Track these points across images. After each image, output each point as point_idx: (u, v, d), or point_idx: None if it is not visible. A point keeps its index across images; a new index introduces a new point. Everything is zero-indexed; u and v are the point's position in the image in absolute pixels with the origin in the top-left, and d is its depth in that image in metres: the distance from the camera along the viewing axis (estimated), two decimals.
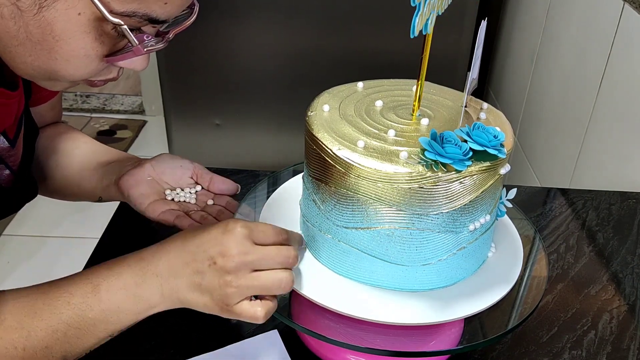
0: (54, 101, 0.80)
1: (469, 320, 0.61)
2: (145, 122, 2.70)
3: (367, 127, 0.54)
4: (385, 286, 0.56)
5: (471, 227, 0.54)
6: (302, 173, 0.60)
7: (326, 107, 0.57)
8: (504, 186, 0.59)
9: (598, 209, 0.90)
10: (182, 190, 0.72)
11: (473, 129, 0.52)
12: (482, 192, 0.53)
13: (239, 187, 0.74)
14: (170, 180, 0.73)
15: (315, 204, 0.56)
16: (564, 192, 0.95)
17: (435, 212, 0.51)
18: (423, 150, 0.50)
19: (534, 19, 1.55)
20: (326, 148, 0.52)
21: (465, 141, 0.51)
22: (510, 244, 0.63)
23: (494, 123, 0.57)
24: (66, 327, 0.54)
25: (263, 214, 0.65)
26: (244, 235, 0.53)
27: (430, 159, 0.49)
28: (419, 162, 0.50)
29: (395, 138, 0.53)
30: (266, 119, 1.79)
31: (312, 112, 0.57)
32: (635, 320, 0.70)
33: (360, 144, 0.51)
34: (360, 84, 0.62)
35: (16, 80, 0.64)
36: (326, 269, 0.58)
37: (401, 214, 0.51)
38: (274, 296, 0.55)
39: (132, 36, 0.51)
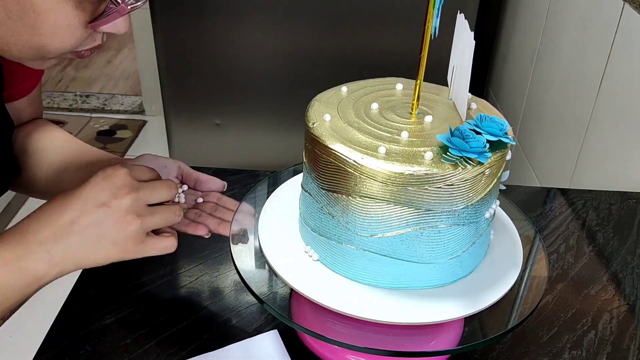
0: (32, 96, 0.79)
1: (469, 320, 0.61)
2: (145, 122, 2.70)
3: (378, 132, 0.54)
4: (413, 287, 0.56)
5: (487, 215, 0.56)
6: (303, 186, 0.59)
7: (327, 117, 0.55)
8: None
9: (598, 209, 0.90)
10: None
11: (481, 121, 0.53)
12: (496, 180, 0.54)
13: (226, 184, 0.74)
14: None
15: (333, 217, 0.55)
16: (564, 192, 0.95)
17: (462, 207, 0.52)
18: (445, 147, 0.51)
19: (534, 19, 1.55)
20: (347, 159, 0.51)
21: (480, 133, 0.52)
22: (510, 244, 0.63)
23: (486, 111, 0.58)
24: None
25: (263, 214, 0.65)
26: (127, 174, 0.55)
27: (456, 156, 0.50)
28: (445, 161, 0.50)
29: (410, 139, 0.53)
30: (266, 119, 1.80)
31: (314, 123, 0.55)
32: (635, 320, 0.70)
33: (382, 150, 0.51)
34: (344, 88, 0.61)
35: None
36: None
37: (430, 213, 0.52)
38: (171, 229, 0.59)
39: None
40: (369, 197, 0.52)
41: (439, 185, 0.50)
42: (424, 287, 0.56)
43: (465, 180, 0.51)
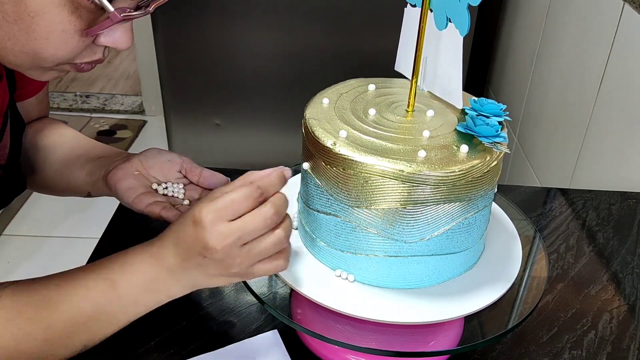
0: (41, 95, 0.80)
1: (468, 320, 0.61)
2: (145, 122, 2.70)
3: (401, 137, 0.53)
4: (452, 276, 0.57)
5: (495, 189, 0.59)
6: (319, 209, 0.57)
7: (343, 133, 0.54)
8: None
9: (598, 209, 0.90)
10: (172, 184, 0.72)
11: (482, 106, 0.55)
12: None
13: (229, 179, 0.74)
14: (158, 175, 0.72)
15: (374, 233, 0.54)
16: (564, 192, 0.95)
17: (491, 189, 0.55)
18: (468, 137, 0.53)
19: (534, 19, 1.55)
20: (393, 170, 0.50)
21: (488, 117, 0.54)
22: (510, 243, 0.63)
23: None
24: (86, 319, 0.55)
25: None
26: (213, 221, 0.50)
27: (489, 143, 0.52)
28: (482, 150, 0.52)
29: (432, 137, 0.54)
30: (266, 119, 1.79)
31: (335, 143, 0.53)
32: (635, 320, 0.70)
33: (422, 154, 0.51)
34: (325, 100, 0.59)
35: None
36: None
37: (471, 202, 0.53)
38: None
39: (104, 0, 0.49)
40: (420, 203, 0.51)
41: (480, 175, 0.52)
42: (461, 274, 0.58)
43: (496, 164, 0.53)
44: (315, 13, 1.61)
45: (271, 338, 0.64)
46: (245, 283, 0.58)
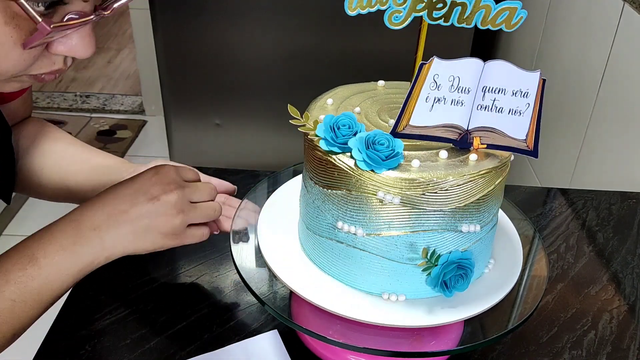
0: (25, 96, 0.79)
1: (468, 321, 0.61)
2: (145, 122, 2.70)
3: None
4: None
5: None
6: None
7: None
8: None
9: (598, 209, 0.90)
10: None
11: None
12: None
13: (236, 188, 0.74)
14: None
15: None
16: (564, 192, 0.95)
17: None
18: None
19: (534, 19, 1.55)
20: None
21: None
22: (510, 244, 0.63)
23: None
24: (12, 304, 0.54)
25: (263, 214, 0.65)
26: (176, 173, 0.61)
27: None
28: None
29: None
30: (266, 119, 1.79)
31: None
32: (635, 320, 0.70)
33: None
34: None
35: None
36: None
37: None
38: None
39: (29, 9, 0.44)
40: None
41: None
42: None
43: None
44: (315, 13, 1.61)
45: (271, 338, 0.64)
46: (245, 283, 0.58)
